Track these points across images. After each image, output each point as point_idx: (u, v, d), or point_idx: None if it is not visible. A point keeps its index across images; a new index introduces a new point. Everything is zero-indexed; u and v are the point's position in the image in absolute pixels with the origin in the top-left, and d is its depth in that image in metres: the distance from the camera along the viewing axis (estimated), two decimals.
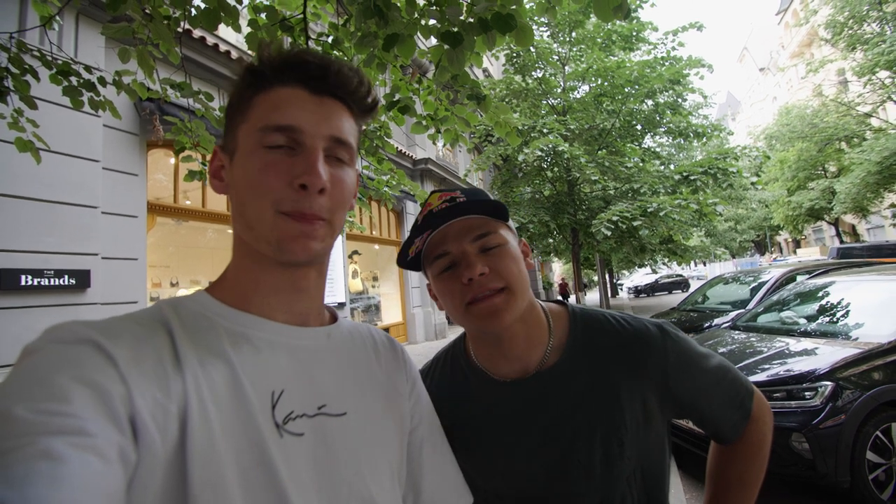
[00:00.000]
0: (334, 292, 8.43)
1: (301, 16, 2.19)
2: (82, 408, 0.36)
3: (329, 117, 0.54)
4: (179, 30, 2.07)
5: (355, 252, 10.56)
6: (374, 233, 10.55)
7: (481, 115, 2.41)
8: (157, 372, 0.43)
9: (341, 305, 8.48)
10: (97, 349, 0.41)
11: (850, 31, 15.63)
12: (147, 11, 1.90)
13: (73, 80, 2.11)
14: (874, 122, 18.71)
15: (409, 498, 0.64)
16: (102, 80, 2.21)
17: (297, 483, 0.46)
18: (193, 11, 1.96)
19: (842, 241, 23.74)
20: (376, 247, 11.32)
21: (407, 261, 0.76)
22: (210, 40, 5.81)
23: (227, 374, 0.47)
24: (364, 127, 2.65)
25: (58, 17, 2.19)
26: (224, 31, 6.42)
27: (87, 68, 2.17)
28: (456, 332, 11.16)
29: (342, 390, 0.56)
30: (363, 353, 0.64)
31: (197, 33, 5.59)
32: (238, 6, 2.01)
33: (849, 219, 25.30)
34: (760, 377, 2.82)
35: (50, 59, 2.11)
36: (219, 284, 0.57)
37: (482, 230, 0.71)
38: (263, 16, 2.13)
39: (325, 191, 0.51)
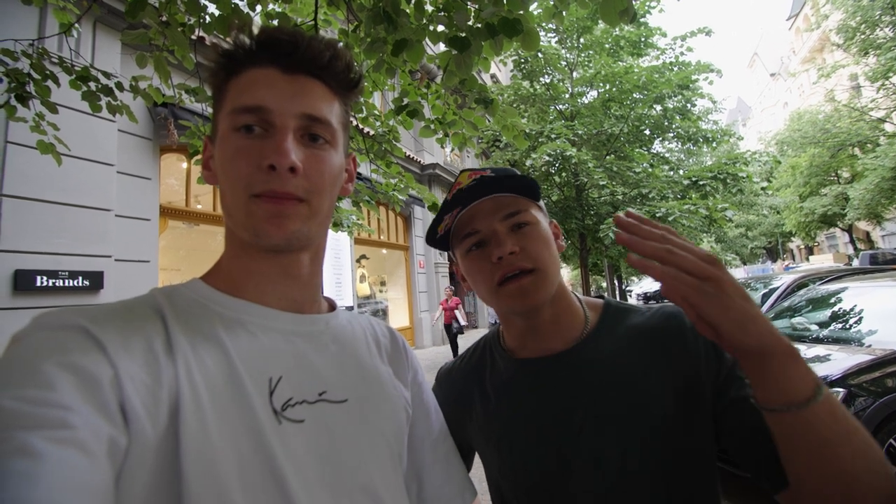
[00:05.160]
0: (342, 296, 8.48)
1: (312, 22, 2.24)
2: (67, 396, 0.34)
3: (301, 94, 0.52)
4: (194, 36, 2.12)
5: (363, 256, 10.62)
6: (382, 237, 10.61)
7: (489, 120, 2.43)
8: (148, 357, 0.42)
9: (349, 309, 8.54)
10: (85, 334, 0.40)
11: (862, 36, 15.46)
12: (163, 18, 1.96)
13: (92, 85, 2.17)
14: (888, 127, 18.44)
15: (412, 489, 0.64)
16: (120, 86, 2.27)
17: (297, 470, 0.45)
18: (208, 18, 2.01)
19: (856, 248, 23.35)
20: (384, 251, 11.37)
21: (436, 239, 0.76)
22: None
23: (222, 361, 0.46)
24: (373, 132, 2.66)
25: (77, 25, 2.26)
26: None
27: (106, 74, 2.23)
28: (465, 336, 11.16)
29: (343, 377, 0.55)
30: (363, 342, 0.63)
31: (210, 40, 5.70)
32: (251, 13, 2.06)
33: (863, 225, 24.89)
34: None
35: (69, 65, 2.17)
36: (213, 272, 0.56)
37: (512, 208, 0.69)
38: (275, 22, 2.18)
39: (298, 170, 0.49)
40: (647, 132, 11.41)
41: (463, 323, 8.96)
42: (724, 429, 0.62)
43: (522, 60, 10.76)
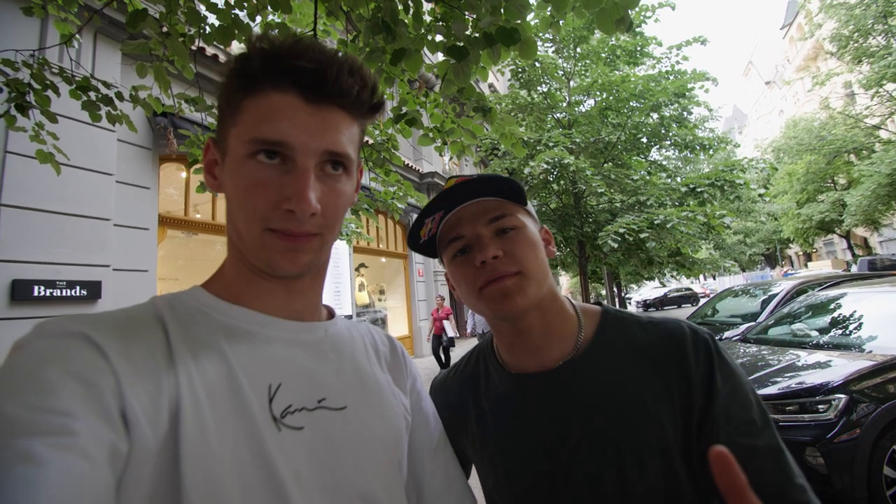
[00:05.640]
0: (341, 305, 8.46)
1: (311, 32, 2.25)
2: (70, 403, 0.35)
3: (324, 130, 0.49)
4: (194, 47, 2.14)
5: (362, 265, 10.61)
6: (381, 246, 10.61)
7: (487, 128, 2.45)
8: (149, 365, 0.42)
9: (349, 318, 8.51)
10: (87, 342, 0.40)
11: (855, 45, 15.64)
12: (164, 29, 1.98)
13: (92, 94, 2.18)
14: (883, 134, 18.59)
15: (412, 497, 0.63)
16: (120, 95, 2.28)
17: (296, 477, 0.45)
18: (208, 29, 2.03)
19: (854, 254, 23.43)
20: (383, 260, 11.37)
21: (420, 244, 0.74)
22: (223, 58, 5.97)
23: (222, 368, 0.46)
24: (372, 141, 2.67)
25: (77, 36, 2.28)
26: (237, 48, 6.59)
27: (106, 84, 2.24)
28: (463, 346, 11.08)
29: (342, 384, 0.55)
30: (362, 349, 0.63)
31: (210, 51, 5.75)
32: (251, 23, 2.08)
33: (860, 231, 24.99)
34: (772, 390, 2.77)
35: (70, 75, 2.18)
36: (215, 280, 0.56)
37: (497, 212, 0.68)
38: (275, 33, 2.20)
39: (317, 214, 0.49)
40: (645, 140, 11.48)
41: (451, 334, 8.38)
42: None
43: (520, 70, 10.84)
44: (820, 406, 2.57)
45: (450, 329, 8.34)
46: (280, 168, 0.48)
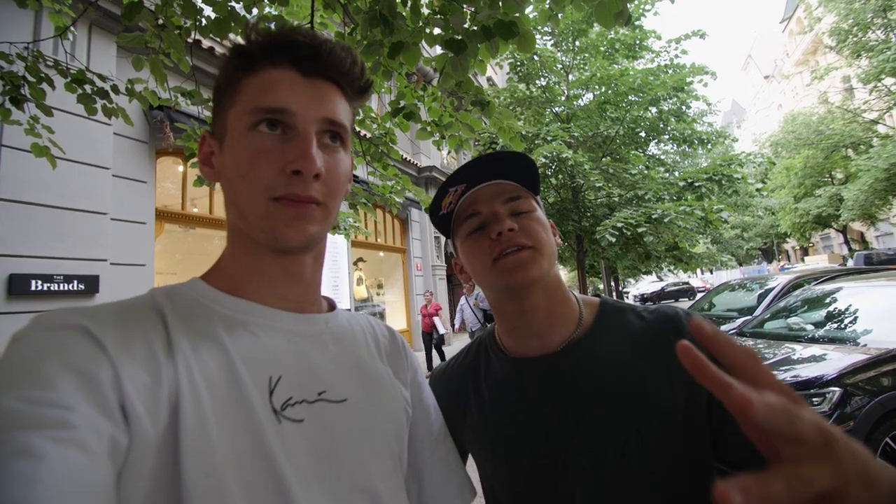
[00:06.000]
0: (339, 299, 8.46)
1: (308, 25, 2.24)
2: (68, 396, 0.35)
3: (321, 99, 0.52)
4: (190, 40, 2.12)
5: (360, 259, 10.60)
6: (379, 240, 10.60)
7: (485, 122, 2.44)
8: (148, 357, 0.42)
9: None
10: (86, 334, 0.40)
11: (854, 39, 15.62)
12: (160, 21, 1.96)
13: (87, 87, 2.16)
14: (881, 128, 18.63)
15: (412, 490, 0.64)
16: (115, 88, 2.27)
17: (296, 470, 0.45)
18: (204, 21, 2.01)
19: (850, 249, 23.52)
20: (381, 254, 11.36)
21: (439, 215, 0.77)
22: (219, 50, 5.92)
23: (222, 360, 0.46)
24: (370, 135, 2.65)
25: (72, 28, 2.25)
26: (233, 41, 6.54)
27: (101, 77, 2.22)
28: (460, 340, 11.12)
29: (342, 376, 0.55)
30: (362, 341, 0.63)
31: (206, 43, 5.70)
32: (248, 16, 2.06)
33: (857, 226, 25.09)
34: None
35: (65, 68, 2.17)
36: (214, 272, 0.56)
37: (514, 194, 0.73)
38: (272, 25, 2.18)
39: (321, 176, 0.50)
40: (643, 134, 11.45)
41: (442, 331, 8.17)
42: (725, 441, 0.62)
43: (518, 63, 10.78)
44: (814, 399, 2.60)
45: (440, 326, 8.16)
46: (281, 137, 0.50)
